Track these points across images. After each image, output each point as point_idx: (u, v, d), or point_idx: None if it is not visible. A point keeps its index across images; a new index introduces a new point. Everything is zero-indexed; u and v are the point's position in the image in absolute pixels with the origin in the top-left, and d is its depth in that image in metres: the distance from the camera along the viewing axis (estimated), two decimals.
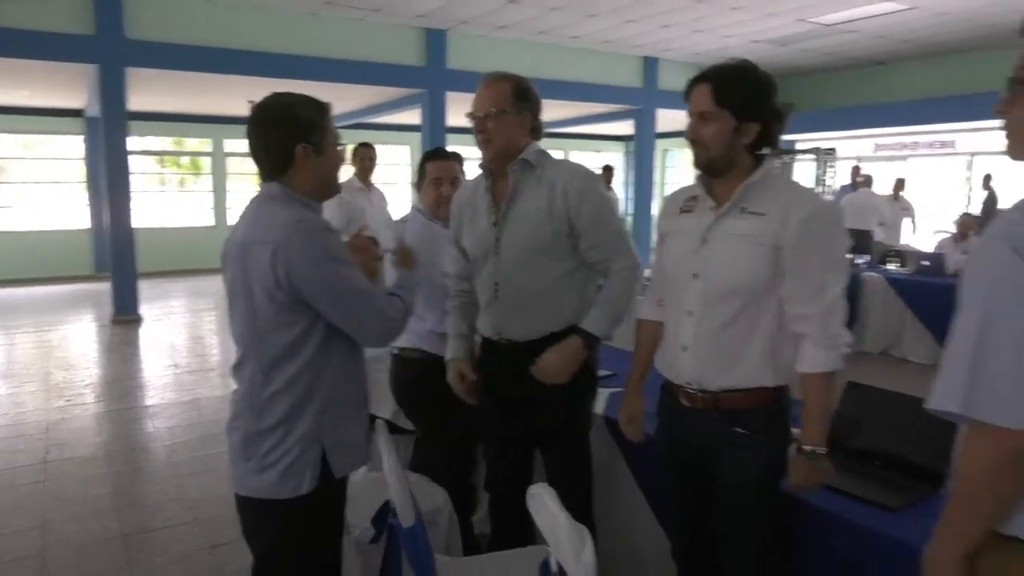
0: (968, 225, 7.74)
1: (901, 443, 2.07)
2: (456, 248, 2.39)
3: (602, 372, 2.84)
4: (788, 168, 12.88)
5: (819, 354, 1.71)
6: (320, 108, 1.76)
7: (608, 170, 9.10)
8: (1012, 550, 1.10)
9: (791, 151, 13.09)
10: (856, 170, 10.47)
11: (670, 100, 11.61)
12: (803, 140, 13.38)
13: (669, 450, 1.96)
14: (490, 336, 2.27)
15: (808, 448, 1.73)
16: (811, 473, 1.73)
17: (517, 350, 2.20)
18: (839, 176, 12.36)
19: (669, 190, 18.82)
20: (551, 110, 13.84)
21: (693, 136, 1.80)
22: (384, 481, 2.46)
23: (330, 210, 5.03)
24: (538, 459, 2.37)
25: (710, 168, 1.81)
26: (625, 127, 14.23)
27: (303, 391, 1.70)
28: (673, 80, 11.82)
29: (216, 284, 11.99)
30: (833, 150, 12.66)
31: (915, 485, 1.95)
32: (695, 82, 1.80)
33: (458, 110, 11.11)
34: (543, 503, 1.44)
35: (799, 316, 1.73)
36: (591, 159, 17.93)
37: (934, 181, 12.85)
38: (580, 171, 2.19)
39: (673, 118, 11.63)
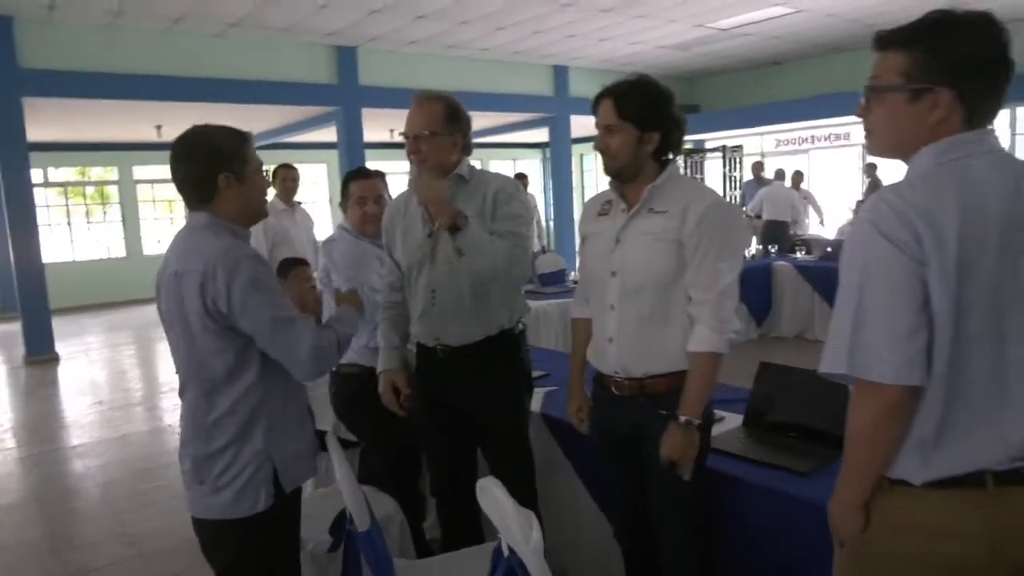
0: None
1: (809, 414, 2.26)
2: (389, 260, 2.48)
3: (536, 372, 3.00)
4: (699, 166, 13.40)
5: (707, 334, 1.86)
6: (240, 137, 1.82)
7: (522, 178, 9.29)
8: (899, 492, 1.28)
9: (700, 150, 13.64)
10: (758, 165, 11.07)
11: (582, 107, 11.91)
12: (711, 139, 13.96)
13: (603, 437, 2.12)
14: (427, 343, 2.37)
15: (683, 419, 1.87)
16: (683, 444, 1.86)
17: (454, 355, 2.31)
18: (746, 172, 12.94)
19: (588, 194, 19.33)
20: (476, 119, 13.84)
21: (602, 147, 1.95)
22: (332, 496, 2.53)
23: (255, 233, 5.03)
24: (481, 462, 2.48)
25: (619, 175, 1.97)
26: (541, 134, 14.49)
27: (248, 413, 1.76)
28: (584, 87, 12.16)
29: (133, 316, 11.61)
30: (739, 147, 13.25)
31: (823, 451, 2.15)
32: (600, 98, 1.95)
33: (374, 125, 11.19)
34: (491, 494, 1.56)
35: (696, 301, 1.88)
36: (509, 167, 18.18)
37: (833, 172, 13.61)
38: (508, 180, 2.34)
39: (587, 124, 11.87)
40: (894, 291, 1.19)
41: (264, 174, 1.87)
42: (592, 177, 18.36)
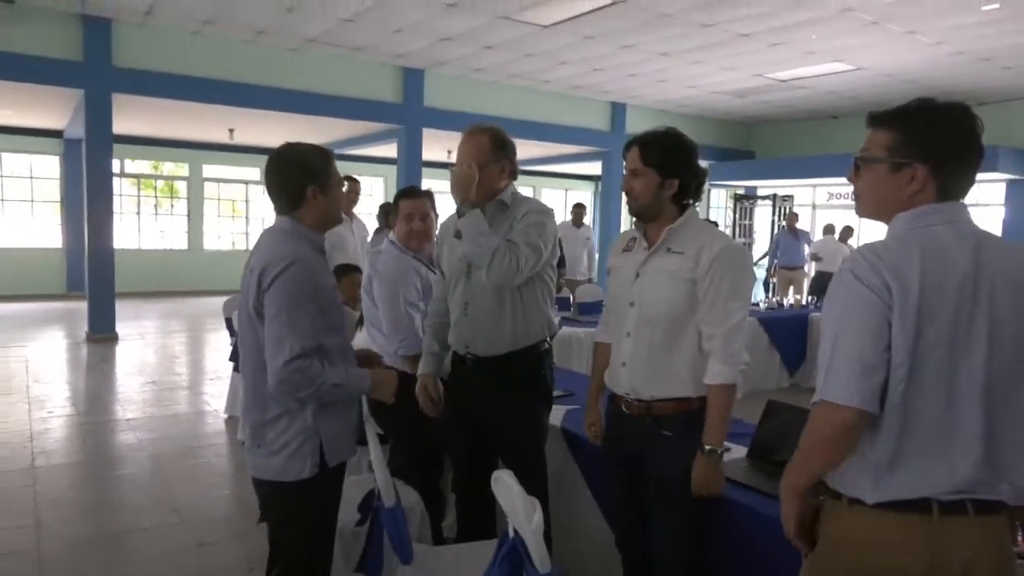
0: None
1: None
2: (439, 270, 2.73)
3: (560, 392, 3.21)
4: (748, 212, 13.46)
5: (720, 368, 2.04)
6: (326, 155, 2.11)
7: (580, 207, 9.46)
8: (854, 511, 1.46)
9: (751, 196, 13.71)
10: (793, 217, 11.18)
11: None
12: (764, 186, 14.02)
13: (611, 449, 2.32)
14: (459, 350, 2.60)
15: (708, 447, 2.05)
16: (710, 471, 2.04)
17: (481, 364, 2.53)
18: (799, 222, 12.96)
19: None
20: (523, 149, 13.90)
21: (627, 188, 2.16)
22: (363, 484, 2.77)
23: None
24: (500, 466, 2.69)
25: (640, 215, 2.19)
26: (595, 167, 14.74)
27: None
28: (640, 124, 12.36)
29: (189, 306, 12.13)
30: (790, 197, 13.28)
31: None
32: (629, 144, 2.17)
33: (433, 145, 11.56)
34: (503, 481, 1.77)
35: (708, 336, 2.07)
36: (560, 197, 18.45)
37: (881, 229, 13.54)
38: (540, 206, 2.56)
39: None
40: (864, 325, 1.38)
41: (343, 188, 2.16)
42: None
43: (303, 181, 2.04)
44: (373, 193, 15.66)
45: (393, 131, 10.66)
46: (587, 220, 9.66)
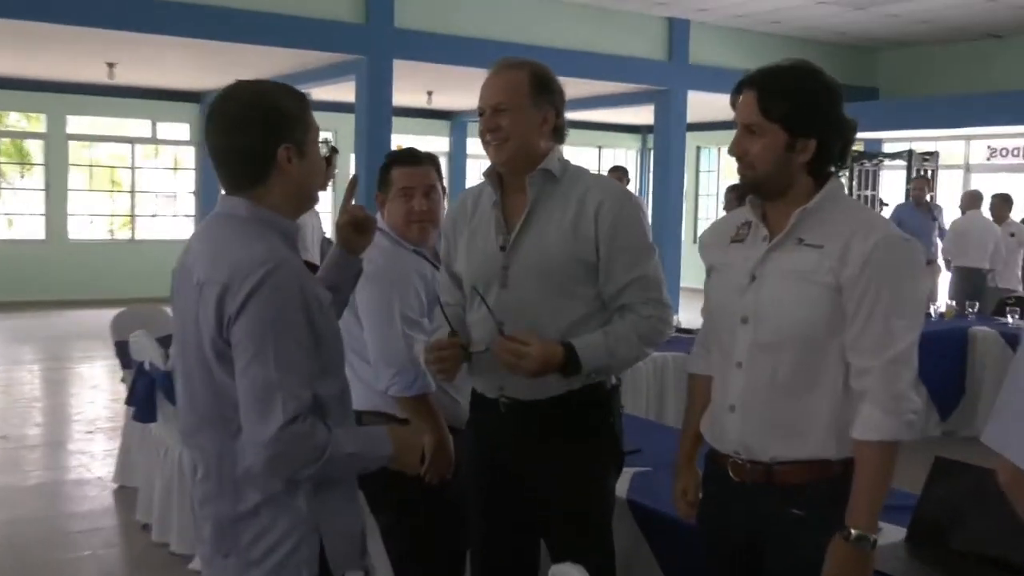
0: None
1: (1004, 537, 2.35)
2: (447, 273, 2.74)
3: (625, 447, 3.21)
4: (869, 177, 13.49)
5: (879, 418, 2.01)
6: (301, 99, 2.02)
7: (619, 173, 9.45)
8: None
9: (874, 154, 13.72)
10: (921, 182, 10.96)
11: (704, 79, 12.18)
12: (892, 139, 14.06)
13: (711, 533, 2.32)
14: (486, 392, 2.60)
15: (855, 532, 2.00)
16: (855, 566, 2.00)
17: (521, 411, 2.53)
18: (942, 190, 12.93)
19: (704, 203, 19.39)
20: None
21: (738, 152, 2.16)
22: None
23: None
24: (544, 558, 2.69)
25: (758, 190, 2.19)
26: (642, 114, 14.77)
27: None
28: (709, 52, 12.45)
29: (48, 325, 12.16)
30: (934, 154, 13.27)
31: None
32: (740, 87, 2.16)
33: (408, 83, 11.42)
34: None
35: (859, 371, 2.05)
36: (590, 157, 18.53)
37: None
38: (617, 190, 2.56)
39: (709, 104, 12.22)
40: None
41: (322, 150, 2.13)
42: (712, 180, 18.58)
43: (273, 138, 1.96)
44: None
45: (350, 64, 10.73)
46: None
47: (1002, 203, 10.15)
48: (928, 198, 10.93)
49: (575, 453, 2.54)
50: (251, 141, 1.98)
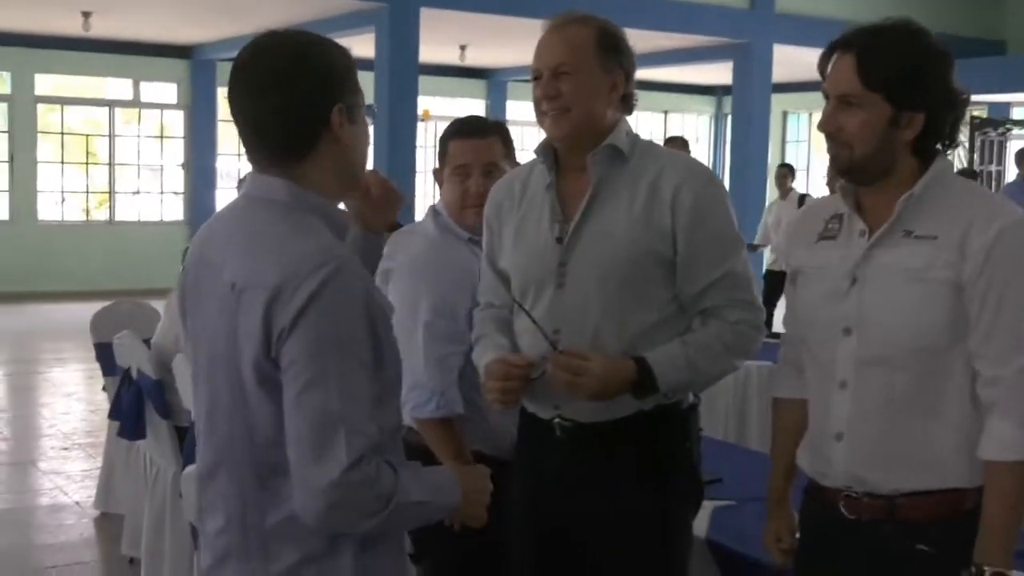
0: None
1: None
2: (491, 271, 2.74)
3: (703, 475, 3.23)
4: (993, 148, 13.35)
5: (1013, 433, 2.02)
6: (347, 53, 1.99)
7: (678, 143, 9.42)
8: None
9: (1000, 121, 13.60)
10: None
11: (793, 30, 12.13)
12: (1020, 104, 13.93)
13: None
14: (539, 412, 2.61)
15: (987, 571, 2.02)
16: None
17: (581, 434, 2.53)
18: None
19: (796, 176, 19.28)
20: None
21: (832, 128, 2.15)
22: None
23: None
24: None
25: (854, 174, 2.18)
26: (717, 73, 14.73)
27: None
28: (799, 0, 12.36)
29: (14, 319, 12.30)
30: None
31: None
32: (833, 50, 2.16)
33: (436, 36, 11.48)
34: None
35: (988, 380, 2.06)
36: (654, 124, 18.49)
37: None
38: (699, 170, 2.56)
39: (798, 60, 12.17)
40: None
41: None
42: (802, 152, 18.45)
43: (326, 97, 1.92)
44: None
45: (370, 13, 10.83)
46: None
47: None
48: None
49: (647, 489, 2.55)
50: (297, 100, 1.91)
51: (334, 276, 1.80)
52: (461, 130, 3.07)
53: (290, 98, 1.89)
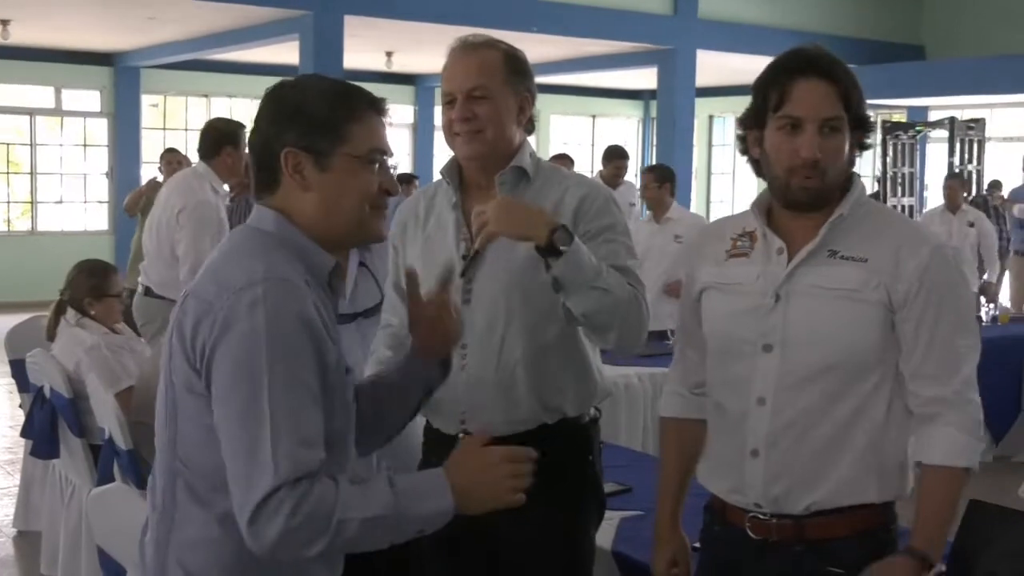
0: None
1: None
2: (394, 291, 2.76)
3: (609, 487, 3.26)
4: (907, 151, 13.49)
5: (963, 441, 2.09)
6: (349, 99, 1.97)
7: (616, 156, 9.36)
8: None
9: (917, 124, 13.76)
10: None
11: (716, 35, 12.23)
12: (939, 106, 14.13)
13: None
14: (444, 428, 2.65)
15: (919, 551, 2.07)
16: None
17: None
18: (990, 165, 12.95)
19: (719, 182, 19.32)
20: (529, 46, 13.88)
21: (814, 154, 2.11)
22: None
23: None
24: None
25: (820, 202, 2.17)
26: (643, 78, 14.81)
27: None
28: (721, 4, 12.47)
29: None
30: (979, 122, 13.21)
31: None
32: (798, 74, 2.14)
33: (362, 43, 11.29)
34: None
35: (929, 400, 2.12)
36: (582, 129, 18.55)
37: None
38: (591, 184, 2.63)
39: (724, 65, 12.29)
40: None
41: (375, 171, 1.97)
42: (727, 155, 18.58)
43: (279, 141, 1.93)
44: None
45: (295, 20, 10.77)
46: (630, 176, 9.63)
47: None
48: None
49: (549, 502, 2.56)
50: (258, 138, 1.98)
51: (265, 287, 1.80)
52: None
53: (255, 135, 1.98)
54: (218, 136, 6.05)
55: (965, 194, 10.16)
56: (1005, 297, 10.42)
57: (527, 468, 1.94)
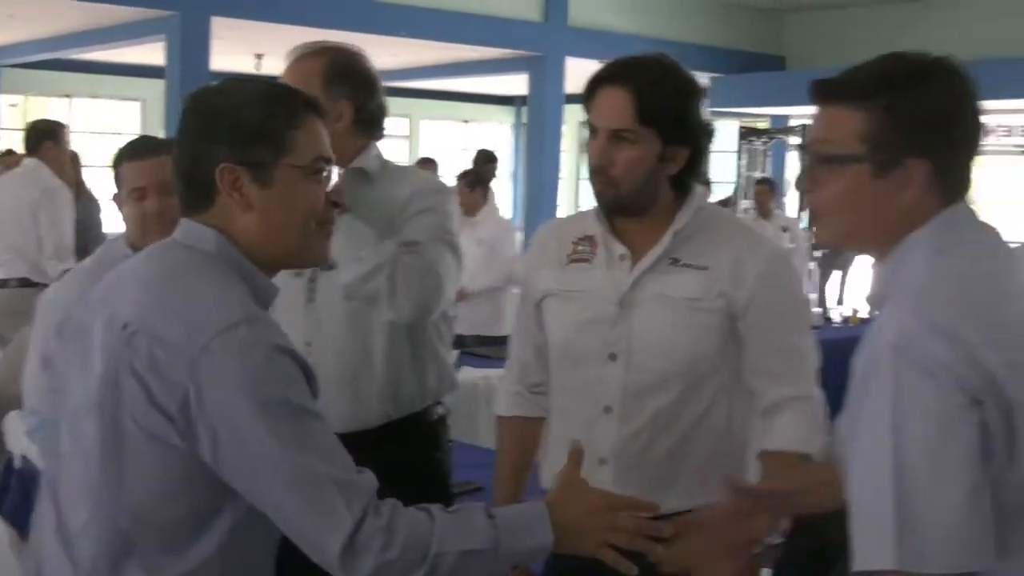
0: None
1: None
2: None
3: (460, 485, 3.30)
4: (761, 157, 13.82)
5: (803, 428, 2.13)
6: (291, 105, 1.78)
7: (485, 163, 9.35)
8: None
9: (778, 131, 14.07)
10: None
11: (585, 43, 12.32)
12: (800, 115, 14.45)
13: None
14: None
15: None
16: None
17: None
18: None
19: (588, 187, 19.24)
20: (400, 51, 13.27)
21: (600, 162, 2.15)
22: None
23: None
24: None
25: (620, 210, 2.21)
26: (515, 84, 14.90)
27: None
28: (591, 12, 12.62)
29: None
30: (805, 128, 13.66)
31: None
32: (603, 82, 2.16)
33: (234, 46, 11.17)
34: None
35: (776, 402, 2.16)
36: (454, 135, 18.61)
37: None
38: (432, 182, 2.68)
39: (591, 73, 12.39)
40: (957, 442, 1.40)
41: (322, 177, 1.79)
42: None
43: (214, 151, 1.72)
44: (124, 131, 15.41)
45: (161, 21, 10.65)
46: (499, 185, 9.64)
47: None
48: None
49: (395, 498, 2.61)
50: (183, 151, 1.78)
51: (249, 343, 1.63)
52: (138, 150, 2.88)
53: (180, 151, 1.78)
54: (38, 134, 6.57)
55: (784, 199, 10.50)
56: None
57: (630, 524, 1.75)
